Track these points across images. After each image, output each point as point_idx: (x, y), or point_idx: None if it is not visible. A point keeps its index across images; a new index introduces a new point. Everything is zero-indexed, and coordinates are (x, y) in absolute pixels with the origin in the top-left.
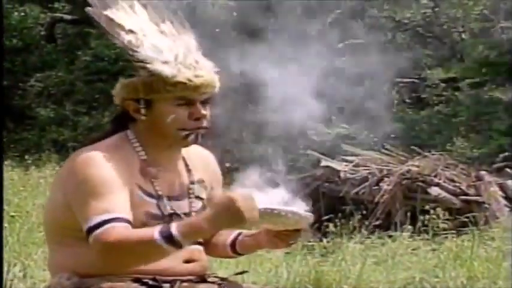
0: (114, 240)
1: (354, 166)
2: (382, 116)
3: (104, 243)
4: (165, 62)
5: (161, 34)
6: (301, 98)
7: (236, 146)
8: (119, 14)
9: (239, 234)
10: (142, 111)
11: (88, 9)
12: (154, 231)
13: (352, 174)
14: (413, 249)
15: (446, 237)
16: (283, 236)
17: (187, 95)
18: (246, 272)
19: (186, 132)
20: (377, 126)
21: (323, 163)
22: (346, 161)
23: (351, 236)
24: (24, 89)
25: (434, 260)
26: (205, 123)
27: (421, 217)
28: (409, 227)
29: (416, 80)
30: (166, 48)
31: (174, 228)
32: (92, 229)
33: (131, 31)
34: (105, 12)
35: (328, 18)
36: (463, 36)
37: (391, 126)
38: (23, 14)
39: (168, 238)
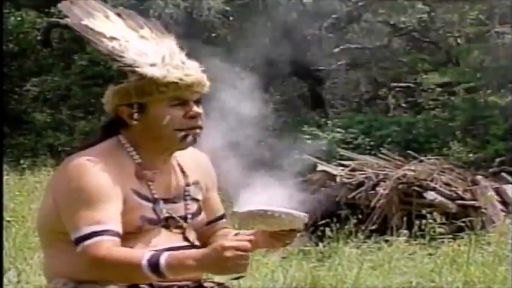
0: (102, 257)
1: (350, 170)
2: (378, 120)
3: (91, 257)
4: (153, 64)
5: (142, 39)
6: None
7: (232, 151)
8: (96, 23)
9: (236, 235)
10: (136, 115)
11: (66, 20)
12: (143, 258)
13: (349, 178)
14: (409, 254)
15: (443, 242)
16: (279, 236)
17: (180, 94)
18: (243, 277)
19: (183, 133)
20: (373, 130)
21: (319, 168)
22: (343, 165)
23: (347, 240)
24: (20, 93)
25: (430, 264)
26: (200, 122)
27: (417, 222)
28: (405, 231)
29: (412, 85)
30: (151, 51)
31: (163, 259)
32: (80, 239)
33: (113, 38)
34: (83, 22)
35: (325, 23)
36: (459, 40)
37: (388, 130)
38: (19, 18)
39: (154, 268)
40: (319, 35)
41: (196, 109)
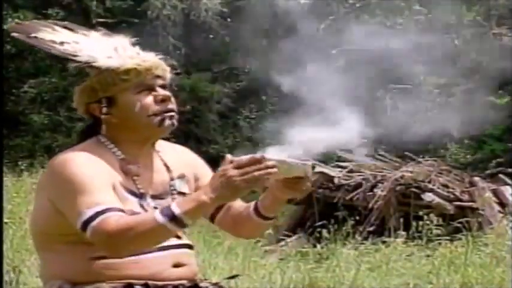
0: (114, 228)
1: (348, 172)
2: (376, 122)
3: (105, 232)
4: (109, 57)
5: (92, 40)
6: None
7: (230, 152)
8: (44, 35)
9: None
10: (106, 109)
11: (13, 34)
12: (155, 214)
13: (346, 180)
14: (407, 255)
15: (440, 243)
16: (288, 184)
17: (143, 79)
18: (238, 276)
19: (159, 118)
20: (371, 132)
21: (317, 169)
22: (340, 167)
23: (345, 242)
24: (18, 95)
25: (428, 266)
26: (171, 105)
27: (415, 223)
28: (403, 232)
29: (409, 86)
30: (103, 46)
31: (175, 207)
32: (87, 222)
33: (63, 42)
34: (32, 35)
35: (322, 24)
36: (456, 42)
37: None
38: (16, 20)
39: (172, 218)
40: (316, 36)
41: (164, 92)
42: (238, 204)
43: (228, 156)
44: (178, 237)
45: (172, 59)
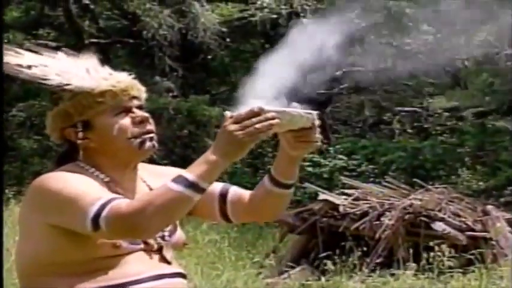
0: (128, 209)
1: (353, 200)
2: (382, 146)
3: (119, 216)
4: (82, 79)
5: (60, 61)
6: None
7: (228, 179)
8: (10, 59)
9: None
10: (81, 134)
11: None
12: (169, 185)
13: (352, 208)
14: None
15: (452, 276)
16: (299, 138)
17: (119, 101)
18: None
19: (139, 140)
20: (377, 156)
21: (321, 196)
22: (346, 194)
23: (351, 274)
24: (6, 119)
25: None
26: (150, 126)
27: (425, 254)
28: (413, 264)
29: (418, 109)
30: (73, 67)
31: (187, 173)
32: (96, 217)
33: (31, 66)
34: None
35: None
36: (466, 63)
37: (393, 156)
38: (6, 40)
39: (187, 184)
40: (320, 57)
41: (142, 113)
42: (247, 192)
43: (227, 113)
44: (164, 258)
45: (169, 81)
